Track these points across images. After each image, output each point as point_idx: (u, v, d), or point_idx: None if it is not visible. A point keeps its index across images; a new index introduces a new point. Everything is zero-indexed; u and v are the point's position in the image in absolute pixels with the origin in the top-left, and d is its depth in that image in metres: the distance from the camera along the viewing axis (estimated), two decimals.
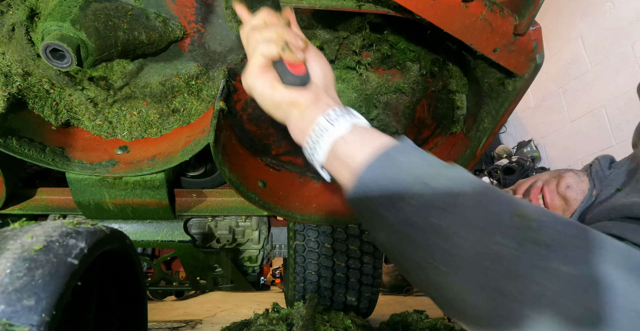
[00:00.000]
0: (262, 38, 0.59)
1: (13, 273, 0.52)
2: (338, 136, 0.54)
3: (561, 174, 0.92)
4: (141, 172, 1.05)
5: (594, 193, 0.84)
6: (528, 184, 0.97)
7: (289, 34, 0.59)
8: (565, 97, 3.82)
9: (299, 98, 0.58)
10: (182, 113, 1.08)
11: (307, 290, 1.68)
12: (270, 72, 0.60)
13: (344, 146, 0.53)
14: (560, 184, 0.89)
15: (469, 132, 1.05)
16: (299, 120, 0.58)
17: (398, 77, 1.08)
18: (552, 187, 0.90)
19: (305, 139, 0.58)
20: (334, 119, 0.55)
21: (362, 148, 0.52)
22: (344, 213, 1.23)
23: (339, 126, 0.54)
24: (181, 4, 0.92)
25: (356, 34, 0.96)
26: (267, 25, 0.60)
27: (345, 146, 0.53)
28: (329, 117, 0.55)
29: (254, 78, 0.60)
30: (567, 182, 0.89)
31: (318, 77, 0.60)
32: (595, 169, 0.89)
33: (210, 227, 1.45)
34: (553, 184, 0.91)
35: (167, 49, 0.99)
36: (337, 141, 0.54)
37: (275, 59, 0.59)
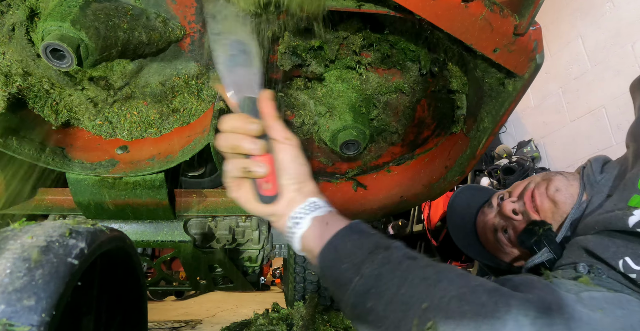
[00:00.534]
0: (227, 150, 0.64)
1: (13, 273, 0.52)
2: (300, 234, 0.65)
3: (551, 177, 0.92)
4: (141, 172, 1.05)
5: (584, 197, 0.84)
6: (522, 186, 0.97)
7: (245, 144, 0.62)
8: (565, 97, 3.82)
9: (273, 213, 0.67)
10: (182, 113, 1.08)
11: (307, 290, 1.68)
12: (243, 186, 0.67)
13: (305, 242, 0.65)
14: (549, 187, 0.90)
15: (469, 132, 1.05)
16: (278, 225, 0.69)
17: (398, 77, 1.08)
18: (542, 190, 0.91)
19: (286, 237, 0.69)
20: (297, 221, 0.66)
21: (316, 241, 0.64)
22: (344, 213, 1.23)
23: (301, 225, 0.65)
24: (181, 4, 0.92)
25: (356, 34, 0.96)
26: (234, 129, 0.63)
27: (306, 241, 0.65)
28: (294, 221, 0.66)
29: (230, 191, 0.68)
30: (556, 185, 0.89)
31: (294, 182, 0.66)
32: (587, 172, 0.89)
33: (210, 227, 1.45)
34: (543, 187, 0.91)
35: (167, 49, 0.99)
36: (302, 238, 0.65)
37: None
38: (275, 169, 0.65)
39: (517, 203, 0.95)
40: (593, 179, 0.86)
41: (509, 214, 0.94)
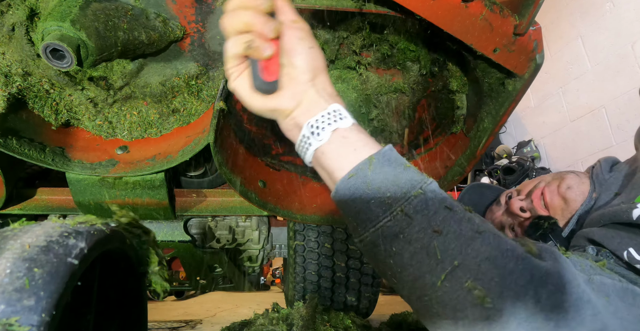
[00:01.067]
0: (232, 29, 0.55)
1: (13, 273, 0.52)
2: (316, 148, 0.57)
3: (563, 176, 0.93)
4: (141, 172, 1.05)
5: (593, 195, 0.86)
6: (532, 185, 0.98)
7: (258, 21, 0.54)
8: (565, 97, 3.82)
9: (278, 106, 0.57)
10: (182, 113, 1.08)
11: (307, 290, 1.68)
12: (243, 74, 0.58)
13: (323, 158, 0.57)
14: (561, 185, 0.91)
15: (469, 132, 1.05)
16: (286, 126, 0.60)
17: (398, 77, 1.08)
18: (553, 187, 0.92)
19: (295, 144, 0.60)
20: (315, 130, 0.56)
21: (337, 162, 0.56)
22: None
23: (321, 137, 0.56)
24: (181, 4, 0.91)
25: (356, 34, 0.96)
26: (242, 6, 0.54)
27: (324, 157, 0.57)
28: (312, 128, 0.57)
29: (230, 81, 0.59)
30: (568, 183, 0.90)
31: (301, 68, 0.56)
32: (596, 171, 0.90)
33: (210, 227, 1.45)
34: (554, 185, 0.92)
35: (167, 49, 0.99)
36: (318, 152, 0.57)
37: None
38: (280, 55, 0.57)
39: (525, 201, 0.96)
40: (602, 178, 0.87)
41: (517, 212, 0.95)
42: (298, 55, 0.56)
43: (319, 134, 0.56)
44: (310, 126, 0.57)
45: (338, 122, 0.56)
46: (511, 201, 0.98)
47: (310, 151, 0.58)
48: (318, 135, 0.56)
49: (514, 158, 3.97)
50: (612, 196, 0.81)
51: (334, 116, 0.57)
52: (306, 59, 0.56)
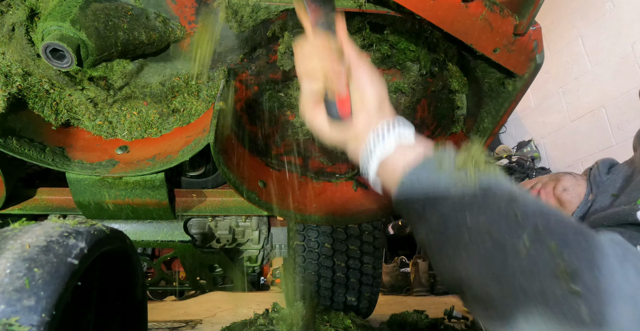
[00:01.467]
0: (307, 71, 0.61)
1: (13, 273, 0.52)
2: (383, 156, 0.60)
3: (559, 177, 0.93)
4: (141, 172, 1.05)
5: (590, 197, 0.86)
6: (529, 186, 0.98)
7: (333, 66, 0.60)
8: (565, 97, 3.82)
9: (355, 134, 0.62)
10: (182, 113, 1.08)
11: (307, 290, 1.68)
12: (318, 109, 0.64)
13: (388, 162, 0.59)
14: (557, 186, 0.91)
15: (469, 132, 1.05)
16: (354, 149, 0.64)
17: (398, 77, 1.08)
18: (548, 189, 0.92)
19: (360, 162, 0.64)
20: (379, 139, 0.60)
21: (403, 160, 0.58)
22: (344, 213, 1.23)
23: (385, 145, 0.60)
24: (181, 4, 0.92)
25: (356, 34, 0.96)
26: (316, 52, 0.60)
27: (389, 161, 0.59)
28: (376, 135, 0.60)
29: (306, 116, 0.65)
30: (564, 185, 0.90)
31: (369, 97, 0.62)
32: (594, 173, 0.90)
33: (210, 227, 1.45)
34: (550, 186, 0.92)
35: (167, 49, 0.99)
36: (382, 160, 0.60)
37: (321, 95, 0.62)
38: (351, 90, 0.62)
39: None
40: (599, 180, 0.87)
41: None
42: (369, 89, 0.62)
43: (384, 139, 0.60)
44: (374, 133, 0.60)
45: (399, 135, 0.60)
46: None
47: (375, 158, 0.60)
48: (383, 140, 0.60)
49: (514, 158, 3.97)
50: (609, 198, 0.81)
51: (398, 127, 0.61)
52: (376, 92, 0.62)
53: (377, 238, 1.74)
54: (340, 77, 0.60)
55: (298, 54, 0.62)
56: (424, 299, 3.34)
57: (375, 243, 1.73)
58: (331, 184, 1.30)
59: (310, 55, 0.60)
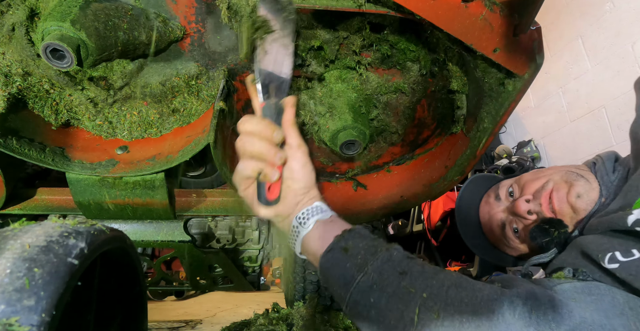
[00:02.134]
0: (245, 150, 0.65)
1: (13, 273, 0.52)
2: (304, 235, 0.68)
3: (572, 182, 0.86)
4: (141, 172, 1.05)
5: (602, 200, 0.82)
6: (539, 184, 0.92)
7: (269, 151, 0.65)
8: (565, 97, 3.82)
9: (280, 213, 0.70)
10: (182, 113, 1.08)
11: (307, 290, 1.68)
12: (250, 187, 0.70)
13: (309, 243, 0.68)
14: (570, 192, 0.85)
15: (469, 132, 1.05)
16: (281, 225, 0.72)
17: (398, 77, 1.08)
18: (561, 194, 0.87)
19: (288, 239, 0.72)
20: (303, 222, 0.69)
21: (319, 243, 0.67)
22: (344, 213, 1.23)
23: (307, 225, 0.68)
24: (181, 4, 0.92)
25: (356, 34, 0.96)
26: (258, 134, 0.65)
27: (309, 242, 0.68)
28: (299, 221, 0.69)
29: (238, 189, 0.71)
30: (577, 191, 0.84)
31: (297, 185, 0.69)
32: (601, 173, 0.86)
33: (210, 227, 1.45)
34: (563, 191, 0.87)
35: (167, 49, 0.99)
36: (305, 239, 0.68)
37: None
38: (283, 173, 0.68)
39: (533, 202, 0.91)
40: (608, 180, 0.84)
41: (524, 215, 0.91)
42: (301, 177, 0.69)
43: (305, 223, 0.68)
44: (298, 218, 0.69)
45: (319, 214, 0.69)
46: (517, 203, 0.92)
47: (299, 240, 0.69)
48: (304, 224, 0.68)
49: (514, 158, 3.97)
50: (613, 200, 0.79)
51: (317, 209, 0.69)
52: (306, 179, 0.69)
53: None
54: (274, 164, 0.65)
55: (241, 130, 0.66)
56: None
57: None
58: (331, 184, 1.30)
59: (252, 135, 0.65)
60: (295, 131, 0.69)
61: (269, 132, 0.64)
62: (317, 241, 0.67)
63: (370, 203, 1.26)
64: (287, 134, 0.68)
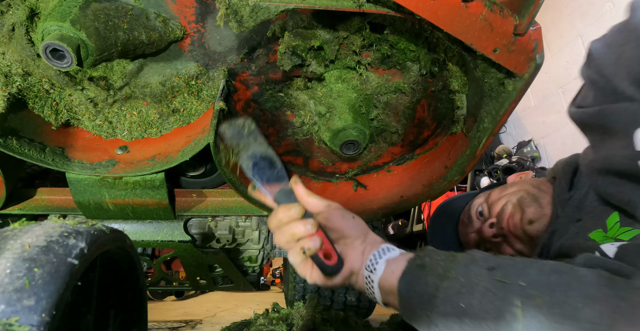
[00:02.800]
0: (286, 242, 0.66)
1: (13, 273, 0.52)
2: (379, 277, 0.65)
3: (524, 208, 0.89)
4: (141, 172, 1.05)
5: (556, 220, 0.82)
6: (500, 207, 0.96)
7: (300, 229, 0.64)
8: (565, 97, 3.82)
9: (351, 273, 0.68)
10: (182, 113, 1.08)
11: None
12: (313, 268, 0.68)
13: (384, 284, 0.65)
14: (523, 218, 0.89)
15: (469, 132, 1.05)
16: (358, 284, 0.69)
17: (398, 77, 1.08)
18: (516, 220, 0.91)
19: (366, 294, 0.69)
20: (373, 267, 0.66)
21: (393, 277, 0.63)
22: None
23: (378, 269, 0.65)
24: (181, 4, 0.92)
25: (356, 34, 0.96)
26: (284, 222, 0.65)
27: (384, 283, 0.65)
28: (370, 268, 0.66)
29: (306, 277, 0.69)
30: (529, 218, 0.87)
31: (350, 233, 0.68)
32: (557, 189, 0.86)
33: (210, 227, 1.45)
34: (517, 216, 0.91)
35: (167, 49, 0.99)
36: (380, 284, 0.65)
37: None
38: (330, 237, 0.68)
39: (497, 226, 0.95)
40: (563, 198, 0.84)
41: (490, 239, 0.96)
42: (348, 229, 0.68)
43: (375, 269, 0.65)
44: (368, 268, 0.66)
45: (387, 254, 0.66)
46: (483, 228, 0.97)
47: (375, 288, 0.65)
48: (375, 270, 0.65)
49: (514, 158, 3.97)
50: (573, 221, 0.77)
51: (383, 251, 0.66)
52: (355, 228, 0.69)
53: None
54: (308, 233, 0.64)
55: (271, 229, 0.67)
56: None
57: None
58: (331, 184, 1.30)
59: (278, 227, 0.66)
60: (314, 197, 0.69)
61: (288, 213, 0.65)
62: (391, 276, 0.63)
63: (370, 203, 1.26)
64: (309, 204, 0.68)
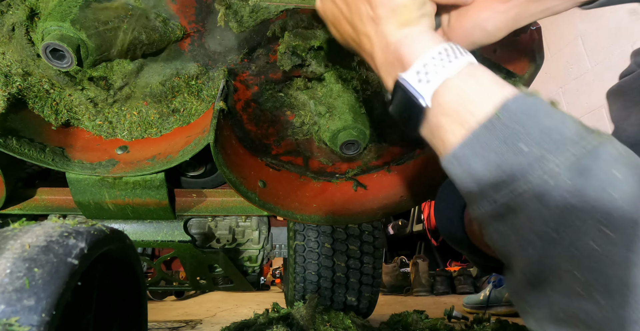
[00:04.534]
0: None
1: (13, 273, 0.52)
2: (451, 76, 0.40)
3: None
4: (141, 172, 1.05)
5: None
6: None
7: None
8: (565, 97, 3.82)
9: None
10: (182, 113, 1.08)
11: (307, 290, 1.68)
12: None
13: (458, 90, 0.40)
14: None
15: None
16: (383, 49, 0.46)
17: None
18: None
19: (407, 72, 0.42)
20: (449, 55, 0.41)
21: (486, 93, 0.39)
22: (344, 213, 1.23)
23: (455, 64, 0.41)
24: (181, 4, 0.92)
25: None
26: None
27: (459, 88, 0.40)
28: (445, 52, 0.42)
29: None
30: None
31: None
32: None
33: (210, 227, 1.45)
34: None
35: (167, 49, 0.99)
36: (449, 85, 0.40)
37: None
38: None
39: None
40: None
41: None
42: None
43: (451, 62, 0.41)
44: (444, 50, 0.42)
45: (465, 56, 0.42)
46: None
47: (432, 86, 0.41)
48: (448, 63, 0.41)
49: None
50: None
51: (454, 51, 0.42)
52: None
53: (377, 238, 1.74)
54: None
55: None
56: (424, 299, 3.34)
57: (375, 243, 1.73)
58: (331, 184, 1.30)
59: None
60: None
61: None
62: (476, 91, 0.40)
63: (370, 203, 1.26)
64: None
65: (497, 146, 0.37)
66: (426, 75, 0.41)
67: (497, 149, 0.37)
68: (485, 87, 0.40)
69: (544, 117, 0.38)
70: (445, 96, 0.40)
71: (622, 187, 0.34)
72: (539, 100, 0.40)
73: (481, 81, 0.40)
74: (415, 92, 0.41)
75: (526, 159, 0.36)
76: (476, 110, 0.39)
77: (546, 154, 0.36)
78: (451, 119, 0.40)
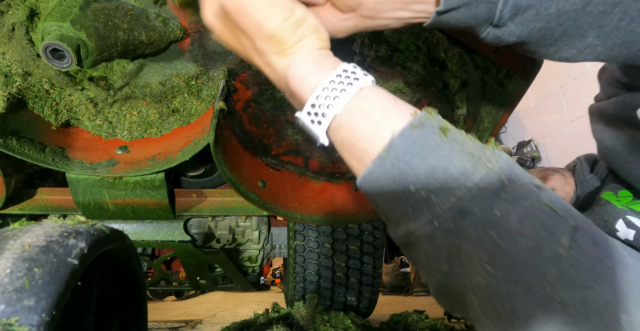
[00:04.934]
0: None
1: (13, 273, 0.52)
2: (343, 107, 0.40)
3: (547, 176, 0.90)
4: (141, 172, 1.05)
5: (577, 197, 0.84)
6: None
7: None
8: (565, 97, 3.82)
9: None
10: (182, 113, 1.08)
11: (307, 290, 1.68)
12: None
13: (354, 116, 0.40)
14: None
15: (469, 132, 1.05)
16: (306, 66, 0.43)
17: (398, 77, 1.08)
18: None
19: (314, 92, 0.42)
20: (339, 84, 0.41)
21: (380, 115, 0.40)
22: (344, 213, 1.23)
23: (343, 97, 0.40)
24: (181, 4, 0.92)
25: (355, 34, 0.96)
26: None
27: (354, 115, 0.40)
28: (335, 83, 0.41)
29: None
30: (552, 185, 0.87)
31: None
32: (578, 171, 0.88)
33: (210, 227, 1.45)
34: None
35: (167, 49, 0.99)
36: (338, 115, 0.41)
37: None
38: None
39: None
40: (583, 179, 0.85)
41: None
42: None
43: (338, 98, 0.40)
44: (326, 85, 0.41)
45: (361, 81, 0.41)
46: None
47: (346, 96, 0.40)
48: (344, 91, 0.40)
49: (514, 158, 3.98)
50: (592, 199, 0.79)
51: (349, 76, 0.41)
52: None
53: (377, 238, 1.74)
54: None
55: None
56: (424, 299, 3.34)
57: (375, 243, 1.73)
58: (331, 184, 1.30)
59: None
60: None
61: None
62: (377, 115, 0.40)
63: (370, 203, 1.26)
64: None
65: (389, 184, 0.39)
66: (316, 116, 0.42)
67: (389, 188, 0.39)
68: (373, 121, 0.40)
69: (430, 154, 0.38)
70: (338, 134, 0.42)
71: (502, 225, 0.36)
72: (427, 131, 0.39)
73: (370, 115, 0.40)
74: (313, 133, 0.43)
75: (414, 200, 0.38)
76: (366, 147, 0.40)
77: (431, 196, 0.37)
78: (349, 154, 0.42)
